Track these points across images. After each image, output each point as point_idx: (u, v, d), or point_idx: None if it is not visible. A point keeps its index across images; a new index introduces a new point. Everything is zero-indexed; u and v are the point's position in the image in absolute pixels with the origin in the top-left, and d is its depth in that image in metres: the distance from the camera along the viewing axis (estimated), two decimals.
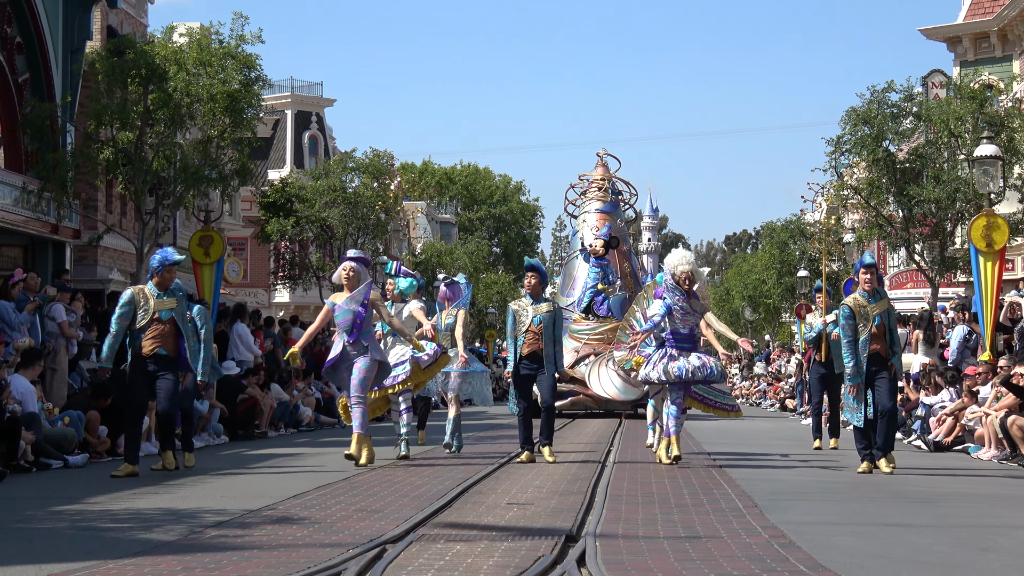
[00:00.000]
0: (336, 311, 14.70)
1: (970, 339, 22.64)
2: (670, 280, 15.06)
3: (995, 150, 26.91)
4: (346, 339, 14.64)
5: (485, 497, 11.55)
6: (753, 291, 66.03)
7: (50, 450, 15.22)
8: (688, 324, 14.99)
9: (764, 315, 68.16)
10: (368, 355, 14.68)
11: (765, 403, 47.17)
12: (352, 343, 14.66)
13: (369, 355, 14.69)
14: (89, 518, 10.37)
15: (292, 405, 24.52)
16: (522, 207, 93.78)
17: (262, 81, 26.69)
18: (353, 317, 14.61)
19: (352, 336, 14.64)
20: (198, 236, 26.32)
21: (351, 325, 14.58)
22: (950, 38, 42.47)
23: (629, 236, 35.72)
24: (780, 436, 22.75)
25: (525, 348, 15.65)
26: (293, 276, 46.18)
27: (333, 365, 14.83)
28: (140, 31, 34.39)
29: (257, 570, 7.48)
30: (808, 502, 11.68)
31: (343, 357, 14.71)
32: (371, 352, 14.75)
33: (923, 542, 9.02)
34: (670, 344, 15.08)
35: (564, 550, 8.28)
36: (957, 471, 15.53)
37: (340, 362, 14.73)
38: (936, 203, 30.94)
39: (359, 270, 14.78)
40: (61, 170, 25.45)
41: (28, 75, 28.09)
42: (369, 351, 14.73)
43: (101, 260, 33.01)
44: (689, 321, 14.98)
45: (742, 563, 7.85)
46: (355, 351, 14.67)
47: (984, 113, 30.72)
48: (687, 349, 15.02)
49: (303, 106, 61.59)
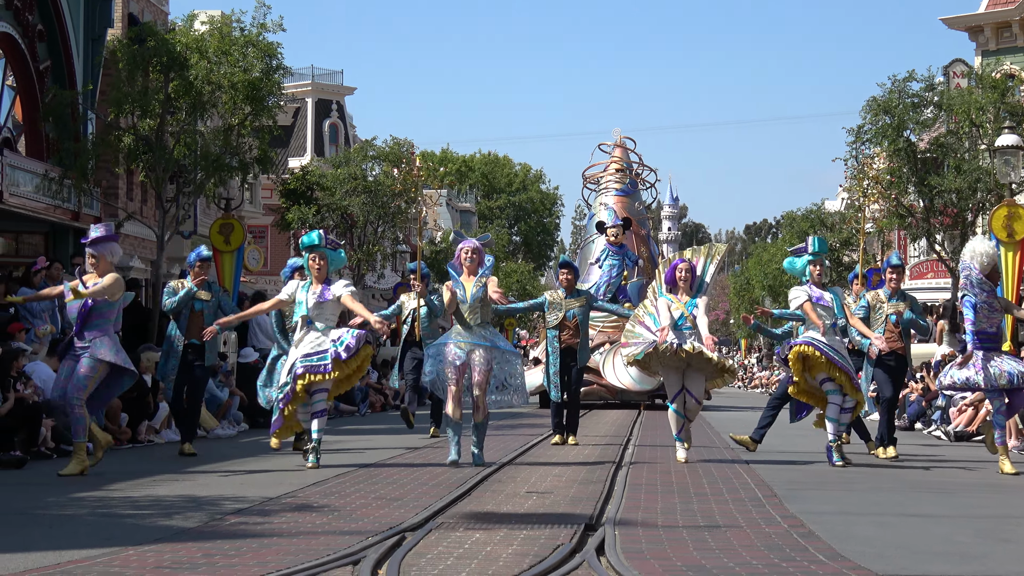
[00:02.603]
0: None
1: None
2: (975, 275, 13.73)
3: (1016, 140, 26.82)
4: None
5: (504, 486, 11.56)
6: (773, 280, 65.91)
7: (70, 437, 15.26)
8: (994, 322, 13.85)
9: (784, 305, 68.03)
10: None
11: None
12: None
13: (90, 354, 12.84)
14: (110, 505, 10.41)
15: None
16: (542, 196, 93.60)
17: (283, 69, 26.68)
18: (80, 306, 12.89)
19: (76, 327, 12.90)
20: (218, 224, 26.39)
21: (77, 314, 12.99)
22: (972, 27, 42.30)
23: (648, 220, 35.36)
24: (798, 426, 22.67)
25: (563, 343, 16.63)
26: None
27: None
28: (161, 19, 34.43)
29: (277, 557, 7.49)
30: (827, 492, 11.66)
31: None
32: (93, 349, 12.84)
33: (942, 532, 9.01)
34: (976, 345, 13.80)
35: (583, 538, 8.28)
36: (977, 461, 15.48)
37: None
38: (957, 193, 30.87)
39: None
40: (82, 158, 25.51)
41: (49, 63, 28.16)
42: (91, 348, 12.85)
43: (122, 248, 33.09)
44: (995, 319, 13.84)
45: (761, 552, 7.85)
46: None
47: (1006, 103, 30.64)
48: (994, 350, 13.88)
49: (324, 94, 61.58)
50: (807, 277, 14.47)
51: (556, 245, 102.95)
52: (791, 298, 14.48)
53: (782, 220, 75.75)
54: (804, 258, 14.56)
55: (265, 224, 50.14)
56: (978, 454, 16.87)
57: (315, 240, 13.46)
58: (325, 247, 13.42)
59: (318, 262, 13.30)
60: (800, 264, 14.61)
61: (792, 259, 14.84)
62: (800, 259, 14.61)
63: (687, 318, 14.02)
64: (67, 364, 12.90)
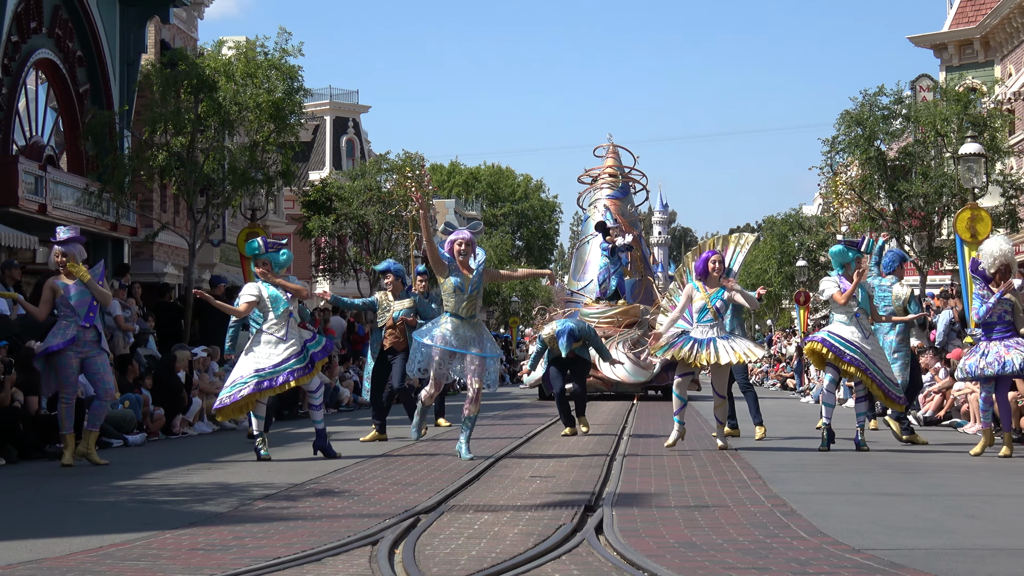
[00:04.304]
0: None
1: (955, 323, 22.52)
2: (981, 271, 13.69)
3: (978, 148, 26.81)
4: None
5: (510, 471, 11.54)
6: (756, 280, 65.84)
7: (111, 430, 15.27)
8: (995, 312, 13.51)
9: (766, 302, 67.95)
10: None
11: (767, 383, 47.17)
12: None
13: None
14: (148, 492, 10.41)
15: (332, 387, 24.60)
16: (542, 204, 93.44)
17: (303, 90, 26.67)
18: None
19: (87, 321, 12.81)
20: (245, 232, 26.58)
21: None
22: (936, 45, 42.28)
23: (639, 221, 35.10)
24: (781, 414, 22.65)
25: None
26: (332, 269, 46.24)
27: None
28: (191, 44, 34.44)
29: (302, 539, 7.48)
30: (808, 474, 11.63)
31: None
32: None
33: (914, 510, 8.99)
34: (984, 338, 13.70)
35: (583, 519, 8.27)
36: (945, 444, 15.46)
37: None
38: (924, 198, 30.82)
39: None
40: (119, 173, 25.52)
41: (88, 86, 28.23)
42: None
43: (156, 255, 33.11)
44: (996, 309, 13.49)
45: (747, 530, 7.84)
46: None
47: (968, 114, 30.61)
48: (1004, 338, 13.55)
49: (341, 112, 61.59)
50: (840, 270, 14.16)
51: (556, 249, 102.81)
52: (821, 289, 14.42)
53: (763, 224, 75.62)
54: (851, 252, 14.33)
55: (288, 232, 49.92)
56: (946, 437, 16.85)
57: (256, 249, 13.24)
58: (267, 252, 13.17)
59: (261, 268, 13.14)
60: (851, 255, 14.25)
61: (843, 248, 14.39)
62: (851, 251, 14.37)
63: (709, 310, 13.51)
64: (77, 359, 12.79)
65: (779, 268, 59.84)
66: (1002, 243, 13.95)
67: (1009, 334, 13.59)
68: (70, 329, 12.65)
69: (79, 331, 12.67)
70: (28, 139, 26.39)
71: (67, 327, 12.67)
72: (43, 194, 25.11)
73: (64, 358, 12.67)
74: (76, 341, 12.66)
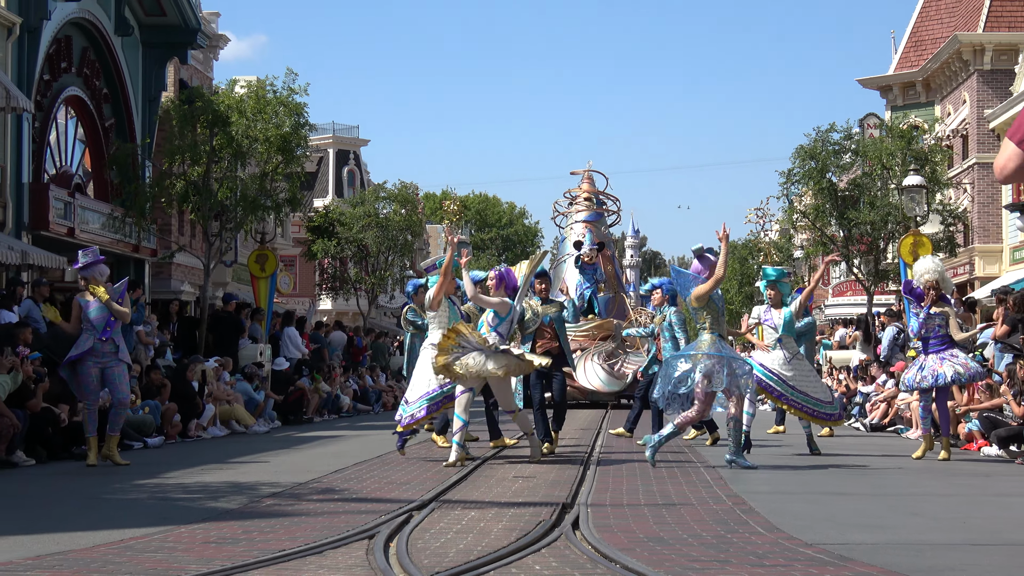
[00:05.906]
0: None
1: (899, 338, 22.56)
2: (916, 289, 13.70)
3: (920, 180, 27.02)
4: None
5: (495, 472, 11.54)
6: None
7: (132, 433, 15.23)
8: (928, 327, 13.53)
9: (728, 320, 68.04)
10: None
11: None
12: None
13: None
14: (165, 490, 10.39)
15: (333, 395, 24.59)
16: (525, 229, 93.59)
17: (309, 125, 26.66)
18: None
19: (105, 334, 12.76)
20: (255, 254, 26.70)
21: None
22: (883, 86, 42.43)
23: (612, 242, 34.94)
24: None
25: (539, 348, 13.80)
26: (335, 288, 46.18)
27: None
28: (207, 83, 34.40)
29: (305, 533, 7.48)
30: (765, 474, 11.65)
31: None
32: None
33: (862, 508, 9.02)
34: (922, 352, 13.72)
35: (561, 516, 8.27)
36: (890, 449, 15.50)
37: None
38: (871, 225, 30.88)
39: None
40: (141, 200, 25.50)
41: (113, 120, 28.22)
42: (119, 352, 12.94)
43: (174, 275, 33.02)
44: (929, 324, 13.50)
45: (710, 526, 7.85)
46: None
47: (911, 149, 30.72)
48: (939, 351, 13.50)
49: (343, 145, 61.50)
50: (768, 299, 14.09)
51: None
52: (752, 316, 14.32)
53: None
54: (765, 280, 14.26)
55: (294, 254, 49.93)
56: (891, 442, 16.89)
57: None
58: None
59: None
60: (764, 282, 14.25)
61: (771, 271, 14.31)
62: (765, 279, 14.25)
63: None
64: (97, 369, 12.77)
65: (739, 288, 60.01)
66: (930, 262, 14.02)
67: (944, 346, 13.57)
68: (88, 341, 12.73)
69: (97, 343, 12.75)
70: (58, 169, 26.34)
71: (86, 339, 12.74)
72: (72, 219, 25.06)
73: (84, 367, 12.74)
74: (94, 352, 12.71)
